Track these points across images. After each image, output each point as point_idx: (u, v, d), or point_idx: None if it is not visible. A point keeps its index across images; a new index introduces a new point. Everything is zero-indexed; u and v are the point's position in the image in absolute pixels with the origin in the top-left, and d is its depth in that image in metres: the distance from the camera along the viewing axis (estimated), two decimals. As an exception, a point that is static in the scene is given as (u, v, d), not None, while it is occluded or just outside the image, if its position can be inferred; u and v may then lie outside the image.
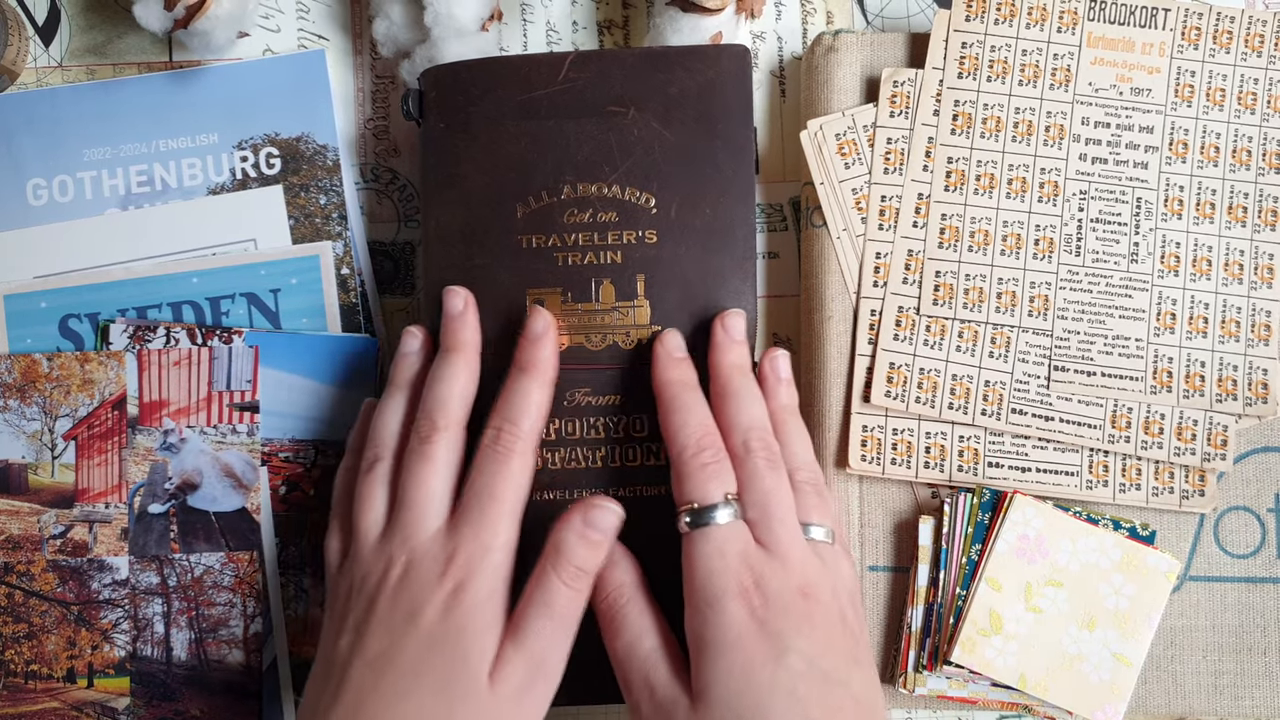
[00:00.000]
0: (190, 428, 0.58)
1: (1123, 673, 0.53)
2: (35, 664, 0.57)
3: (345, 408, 0.58)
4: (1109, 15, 0.57)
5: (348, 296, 0.59)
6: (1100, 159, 0.56)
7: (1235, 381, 0.56)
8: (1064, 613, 0.53)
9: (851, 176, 0.57)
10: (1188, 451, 0.55)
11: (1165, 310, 0.56)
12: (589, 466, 0.53)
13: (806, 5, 0.62)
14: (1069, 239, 0.56)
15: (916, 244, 0.56)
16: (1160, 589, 0.54)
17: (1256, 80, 0.57)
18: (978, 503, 0.55)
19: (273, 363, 0.58)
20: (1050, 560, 0.54)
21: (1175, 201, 0.56)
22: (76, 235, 0.59)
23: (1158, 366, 0.56)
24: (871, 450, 0.56)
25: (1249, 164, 0.56)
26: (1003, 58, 0.57)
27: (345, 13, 0.61)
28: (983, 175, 0.56)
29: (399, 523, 0.48)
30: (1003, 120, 0.57)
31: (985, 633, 0.53)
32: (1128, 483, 0.55)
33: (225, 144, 0.60)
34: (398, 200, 0.61)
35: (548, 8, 0.62)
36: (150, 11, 0.56)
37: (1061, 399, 0.55)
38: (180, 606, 0.57)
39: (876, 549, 0.56)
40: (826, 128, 0.57)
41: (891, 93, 0.57)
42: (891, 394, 0.55)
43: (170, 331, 0.58)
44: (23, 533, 0.57)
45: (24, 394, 0.58)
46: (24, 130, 0.60)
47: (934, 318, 0.56)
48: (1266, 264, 0.56)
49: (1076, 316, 0.56)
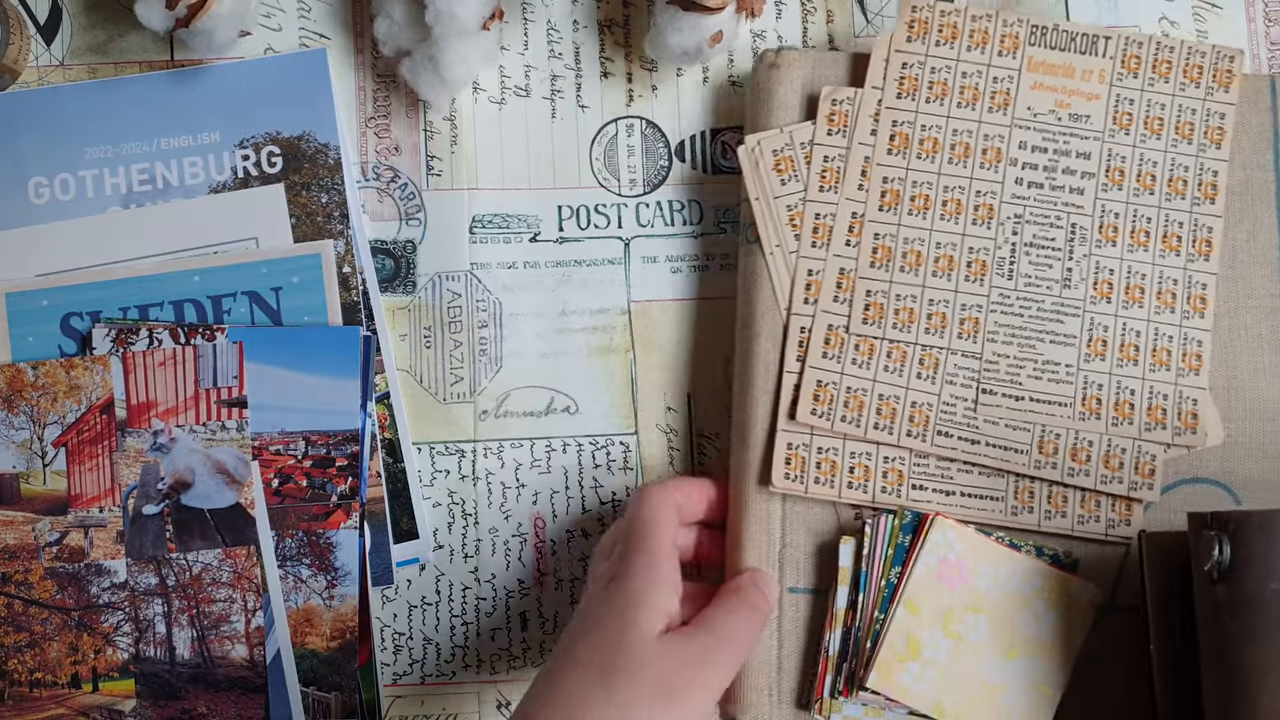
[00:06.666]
0: (179, 427, 0.57)
1: (1043, 703, 0.52)
2: (39, 672, 0.57)
3: (333, 397, 0.58)
4: (1050, 41, 0.57)
5: (349, 295, 0.59)
6: (1036, 183, 0.56)
7: (1165, 411, 0.55)
8: (984, 640, 0.52)
9: (787, 193, 0.56)
10: (1115, 480, 0.54)
11: (1097, 337, 0.55)
12: None
13: (807, 4, 0.62)
14: (1002, 262, 0.55)
15: (849, 263, 0.56)
16: (1082, 618, 0.52)
17: (1194, 111, 0.56)
18: (899, 524, 0.53)
19: (258, 357, 0.58)
20: (971, 586, 0.52)
21: (1110, 228, 0.56)
22: (78, 234, 0.59)
23: (1087, 393, 0.55)
24: (796, 468, 0.54)
25: (1184, 193, 0.56)
26: (943, 79, 0.57)
27: (347, 12, 0.62)
28: (918, 196, 0.56)
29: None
30: (940, 141, 0.56)
31: (902, 658, 0.52)
32: (1053, 510, 0.54)
33: (227, 143, 0.60)
34: (399, 199, 0.61)
35: (548, 7, 0.62)
36: (152, 10, 0.56)
37: (989, 422, 0.54)
38: (180, 605, 0.56)
39: (797, 570, 0.55)
40: (764, 143, 0.57)
41: (830, 111, 0.56)
42: (817, 412, 0.54)
43: (153, 333, 0.58)
44: (18, 542, 0.57)
45: (10, 404, 0.58)
46: (26, 129, 0.60)
47: (863, 337, 0.55)
48: (1199, 294, 0.55)
49: (1007, 340, 0.55)
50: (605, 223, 0.61)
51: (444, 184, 0.61)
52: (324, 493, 0.57)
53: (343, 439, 0.57)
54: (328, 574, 0.57)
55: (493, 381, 0.60)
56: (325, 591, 0.57)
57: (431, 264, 0.61)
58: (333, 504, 0.57)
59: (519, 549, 0.60)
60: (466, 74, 0.58)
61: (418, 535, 0.59)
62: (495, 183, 0.61)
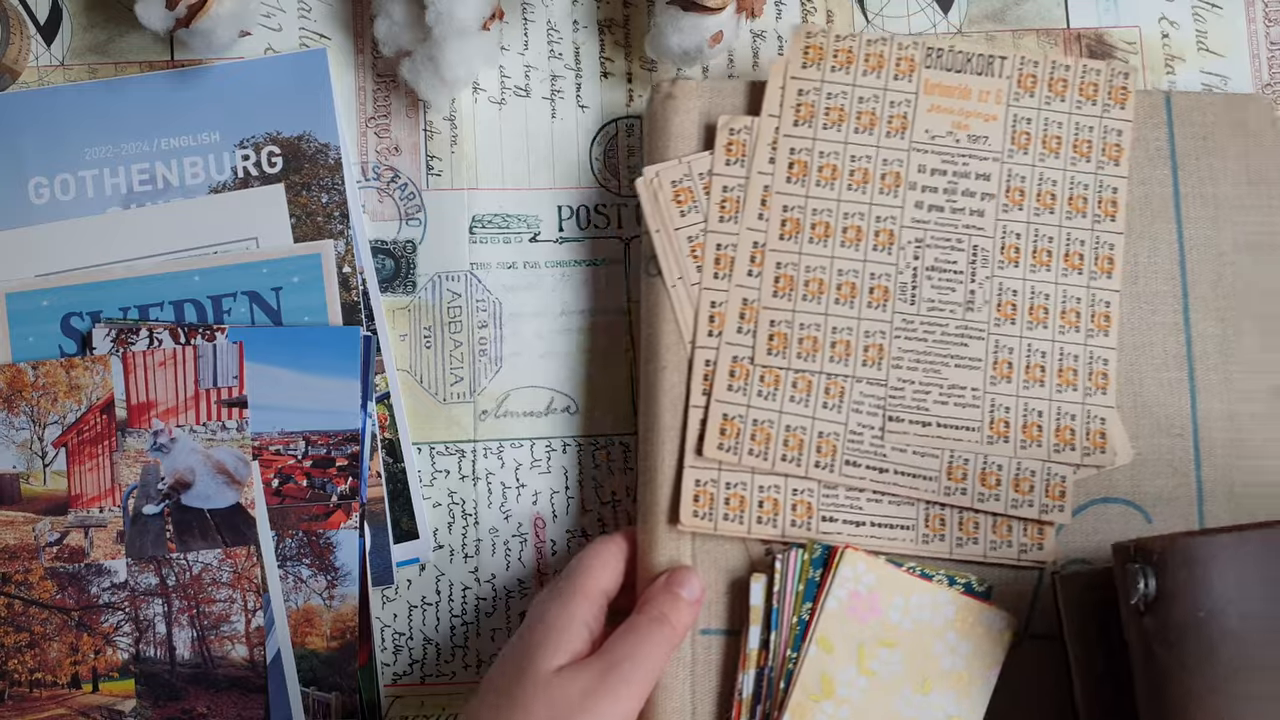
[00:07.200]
0: (180, 427, 0.57)
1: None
2: (39, 672, 0.56)
3: (333, 397, 0.58)
4: (946, 62, 0.57)
5: (349, 295, 0.59)
6: (936, 206, 0.56)
7: (1073, 431, 0.54)
8: (898, 674, 0.51)
9: (687, 224, 0.56)
10: (1025, 503, 0.54)
11: (1002, 359, 0.55)
12: None
13: (807, 4, 0.62)
14: (904, 287, 0.55)
15: (752, 293, 0.55)
16: (996, 647, 0.51)
17: (1091, 129, 0.56)
18: (809, 559, 0.52)
19: (258, 357, 0.58)
20: (882, 618, 0.51)
21: (1012, 249, 0.55)
22: (78, 234, 0.59)
23: (994, 416, 0.54)
24: (704, 505, 0.53)
25: (1085, 211, 0.56)
26: (839, 105, 0.56)
27: (347, 11, 0.62)
28: (818, 224, 0.55)
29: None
30: (839, 168, 0.56)
31: (816, 698, 0.50)
32: (965, 536, 0.54)
33: (227, 142, 0.60)
34: (399, 199, 0.61)
35: (548, 7, 0.62)
36: (152, 10, 0.56)
37: (896, 450, 0.54)
38: (180, 606, 0.56)
39: (709, 611, 0.53)
40: (663, 174, 0.56)
41: (728, 140, 0.56)
42: (724, 446, 0.53)
43: (153, 333, 0.58)
44: (18, 542, 0.57)
45: (11, 404, 0.58)
46: (26, 129, 0.60)
47: (768, 368, 0.54)
48: (1103, 312, 0.55)
49: (911, 366, 0.54)
50: (605, 223, 0.61)
51: (444, 184, 0.61)
52: (324, 493, 0.57)
53: (343, 439, 0.57)
54: (328, 574, 0.57)
55: (493, 381, 0.60)
56: (325, 592, 0.57)
57: (431, 264, 0.61)
58: (333, 504, 0.57)
59: (519, 549, 0.60)
60: (466, 74, 0.58)
61: (418, 535, 0.59)
62: (495, 183, 0.61)
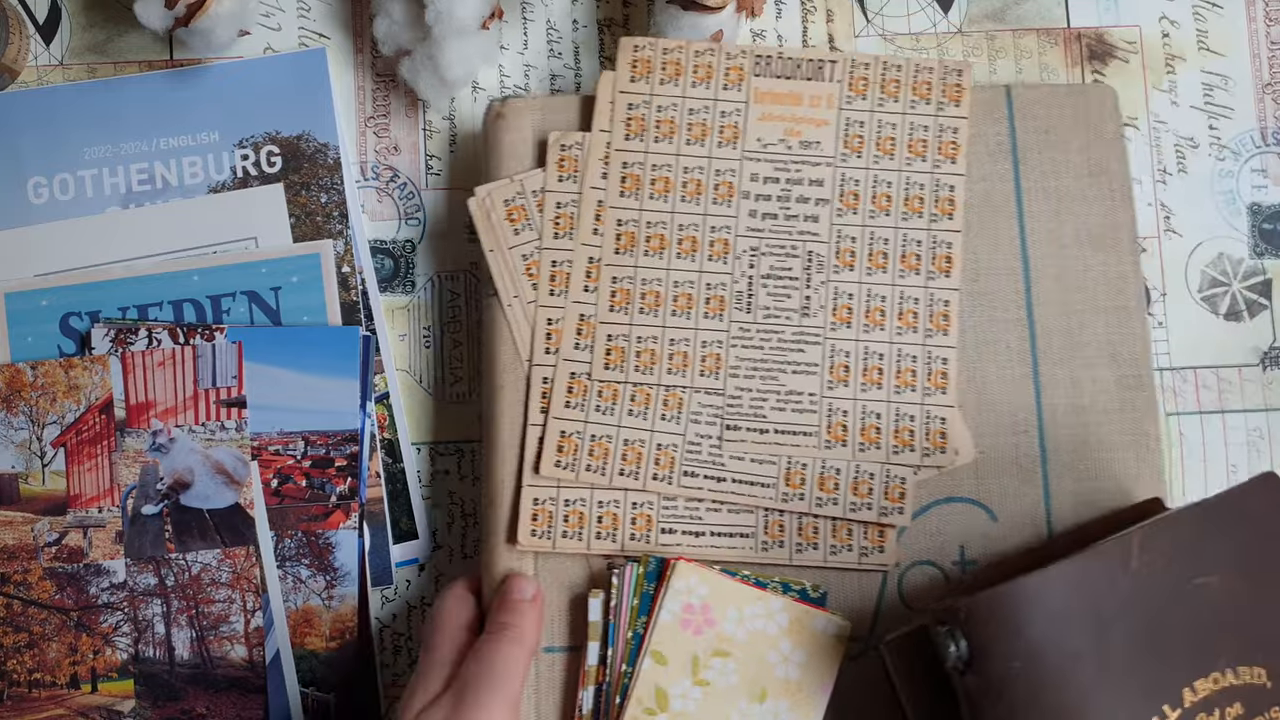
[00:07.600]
0: (179, 427, 0.57)
1: None
2: (38, 672, 0.57)
3: (332, 397, 0.58)
4: (775, 69, 0.56)
5: (348, 294, 0.59)
6: (771, 214, 0.55)
7: (913, 432, 0.54)
8: (733, 685, 0.51)
9: (521, 242, 0.56)
10: (864, 506, 0.53)
11: (838, 363, 0.54)
12: None
13: (807, 4, 0.62)
14: (740, 296, 0.55)
15: (589, 308, 0.55)
16: (831, 654, 0.51)
17: (926, 128, 0.56)
18: (643, 572, 0.52)
19: (257, 357, 0.58)
20: (717, 629, 0.51)
21: (847, 253, 0.55)
22: (77, 234, 0.59)
23: (832, 420, 0.54)
24: (543, 524, 0.53)
25: (921, 211, 0.56)
26: (669, 117, 0.56)
27: (346, 11, 0.62)
28: (653, 236, 0.55)
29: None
30: (672, 180, 0.56)
31: (651, 711, 0.50)
32: (804, 542, 0.53)
33: (226, 142, 0.60)
34: (398, 198, 0.61)
35: (548, 6, 0.62)
36: (151, 10, 0.56)
37: (734, 458, 0.54)
38: (179, 606, 0.56)
39: (551, 629, 0.53)
40: (495, 194, 0.56)
41: (559, 156, 0.56)
42: (562, 463, 0.53)
43: (152, 333, 0.58)
44: (17, 542, 0.57)
45: (9, 404, 0.58)
46: (25, 129, 0.60)
47: (606, 382, 0.54)
48: (942, 311, 0.55)
49: (749, 374, 0.54)
50: (605, 222, 0.61)
51: (443, 184, 0.61)
52: (323, 493, 0.57)
53: (342, 439, 0.57)
54: (327, 574, 0.57)
55: (492, 381, 0.60)
56: (324, 592, 0.57)
57: (431, 264, 0.61)
58: (332, 504, 0.57)
59: (519, 549, 0.60)
60: (466, 74, 0.58)
61: (417, 535, 0.59)
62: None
